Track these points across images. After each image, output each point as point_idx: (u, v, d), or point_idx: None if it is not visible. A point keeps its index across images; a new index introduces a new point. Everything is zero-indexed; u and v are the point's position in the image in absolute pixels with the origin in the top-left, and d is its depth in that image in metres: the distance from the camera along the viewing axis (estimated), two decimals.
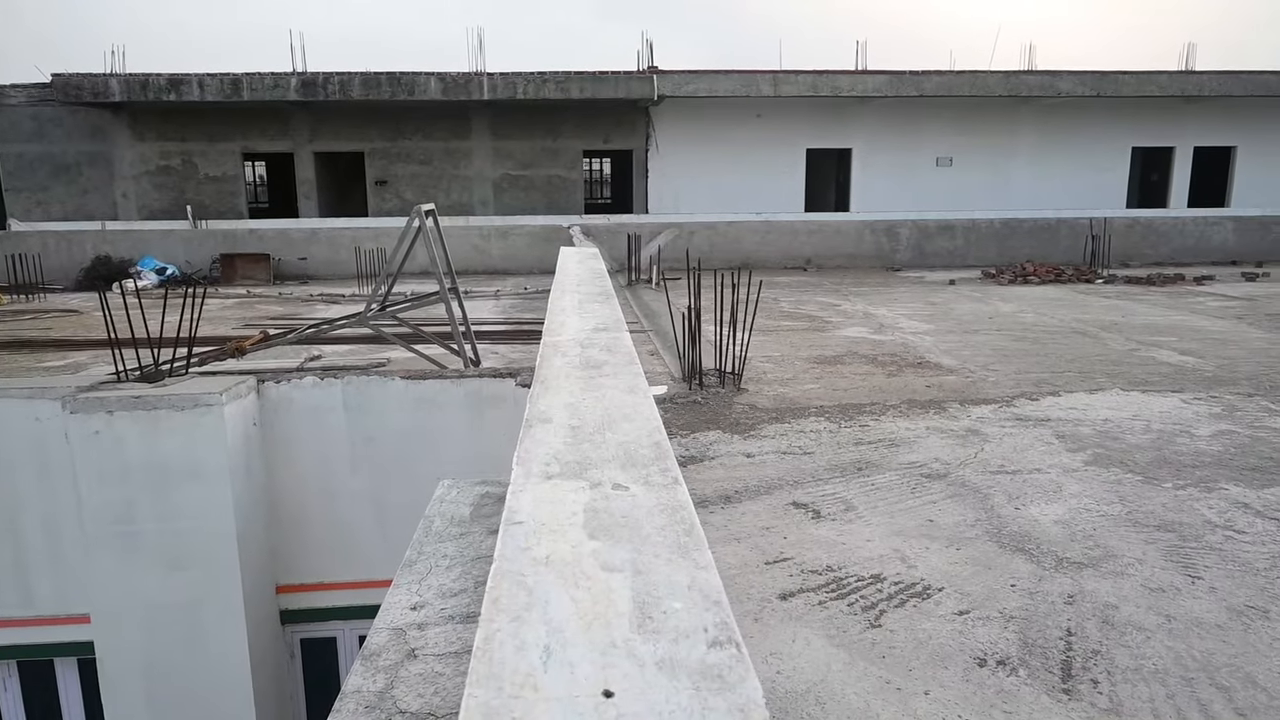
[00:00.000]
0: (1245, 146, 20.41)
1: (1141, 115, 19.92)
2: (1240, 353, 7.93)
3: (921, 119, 19.74)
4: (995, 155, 20.09)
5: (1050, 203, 19.27)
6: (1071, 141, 20.07)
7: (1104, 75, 18.55)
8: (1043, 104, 19.45)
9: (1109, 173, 20.31)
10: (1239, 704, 2.57)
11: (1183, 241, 17.16)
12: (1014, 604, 3.19)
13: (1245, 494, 4.29)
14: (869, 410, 5.93)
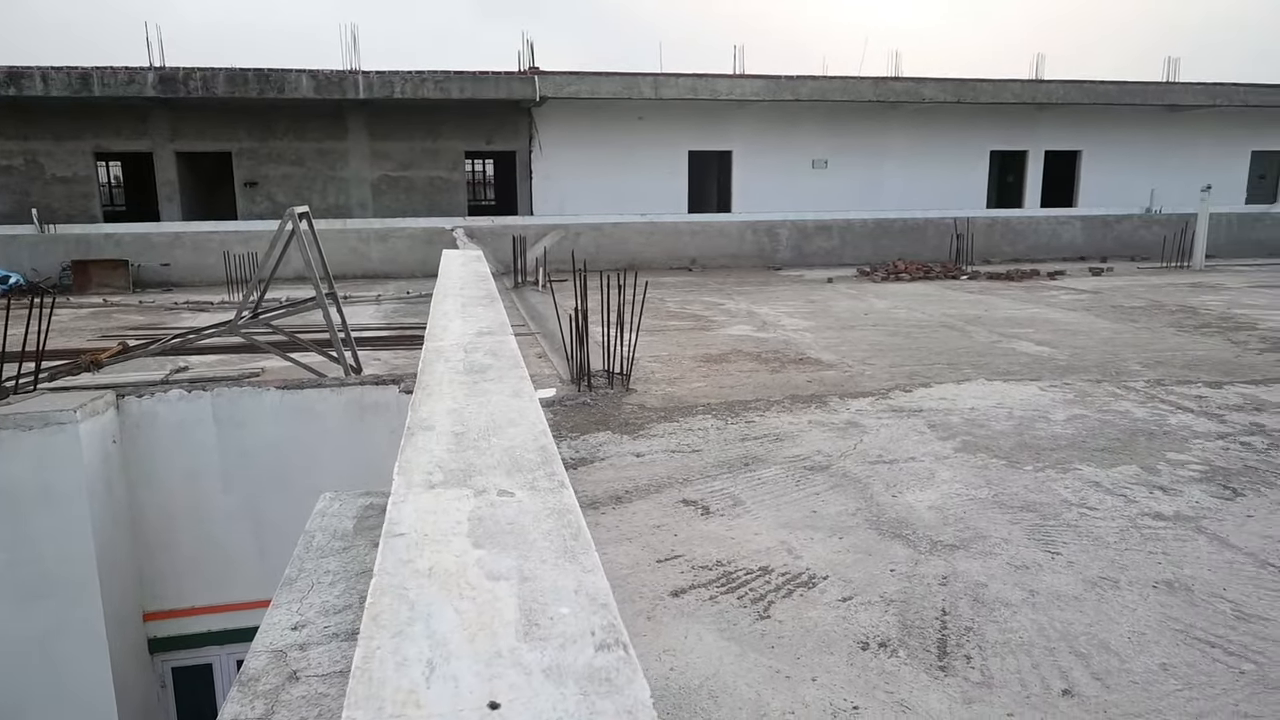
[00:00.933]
0: (1090, 150, 22.00)
1: (998, 121, 21.18)
2: (1089, 342, 8.54)
3: (798, 122, 20.37)
4: (868, 158, 20.94)
5: (919, 203, 20.24)
6: (937, 145, 21.14)
7: (963, 82, 19.63)
8: (910, 109, 20.41)
9: (971, 174, 21.50)
10: (1095, 669, 2.77)
11: (1037, 239, 18.36)
12: (893, 588, 3.33)
13: (1096, 473, 4.62)
14: (754, 406, 6.07)
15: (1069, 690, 2.65)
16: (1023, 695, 2.62)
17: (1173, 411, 5.86)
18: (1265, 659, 2.82)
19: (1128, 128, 21.83)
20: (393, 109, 18.39)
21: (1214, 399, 6.21)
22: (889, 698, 2.62)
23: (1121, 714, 2.53)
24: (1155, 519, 3.99)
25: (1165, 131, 22.08)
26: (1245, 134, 22.67)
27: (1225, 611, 3.13)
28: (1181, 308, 11.03)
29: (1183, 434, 5.32)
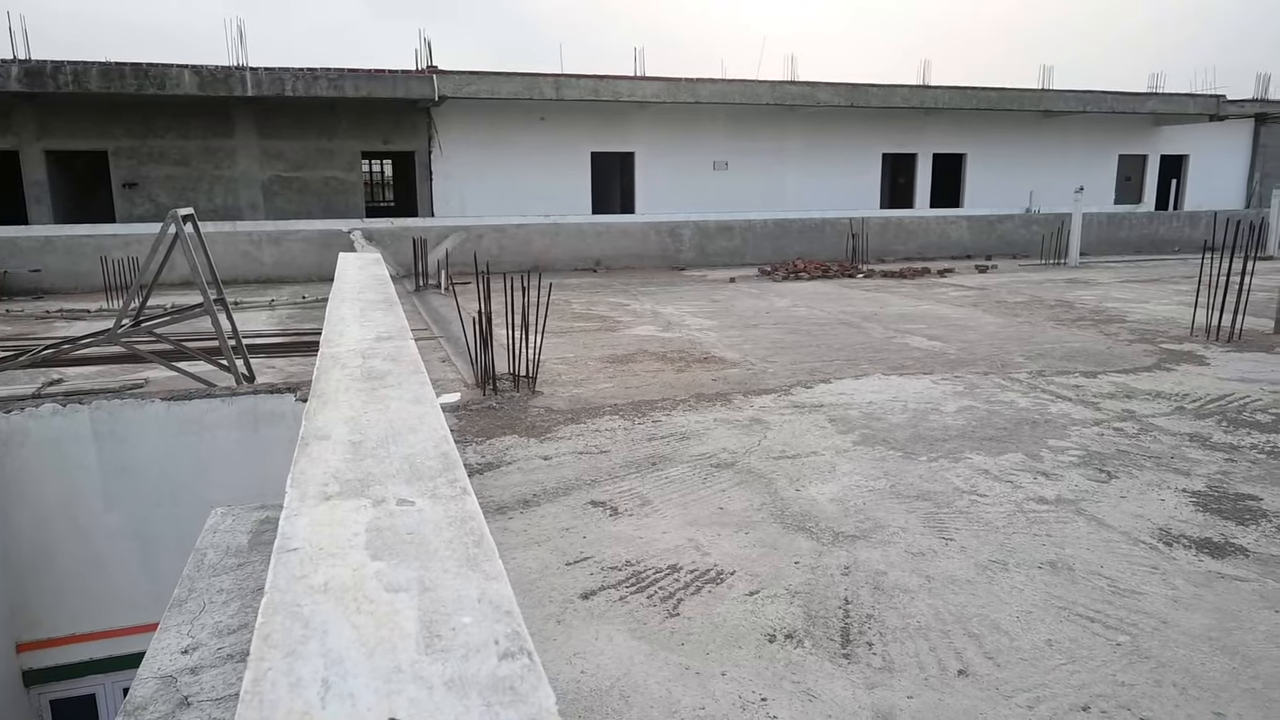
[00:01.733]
0: (974, 153, 23.08)
1: (889, 125, 21.98)
2: (976, 336, 8.96)
3: (699, 124, 20.65)
4: (767, 160, 21.40)
5: (817, 204, 20.81)
6: (833, 147, 21.78)
7: (856, 87, 20.29)
8: (806, 112, 20.96)
9: (865, 176, 22.25)
10: (987, 648, 2.90)
11: (927, 238, 19.14)
12: (798, 580, 3.41)
13: (985, 461, 4.84)
14: (661, 406, 6.12)
15: (964, 670, 2.77)
16: (921, 678, 2.73)
17: (1053, 401, 6.20)
18: (1138, 630, 3.01)
19: (1008, 132, 23.00)
20: (284, 107, 17.75)
21: (1089, 388, 6.59)
22: (796, 687, 2.68)
23: (1012, 690, 2.66)
24: (1039, 503, 4.21)
25: (1041, 136, 23.37)
26: (1113, 138, 24.21)
27: (1103, 588, 3.33)
28: (1059, 302, 11.68)
29: (1062, 422, 5.63)
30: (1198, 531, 3.86)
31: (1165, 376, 7.00)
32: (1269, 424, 5.57)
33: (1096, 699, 2.61)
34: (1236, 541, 3.75)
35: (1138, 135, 24.46)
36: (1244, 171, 25.94)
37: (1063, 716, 2.52)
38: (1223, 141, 25.32)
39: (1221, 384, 6.71)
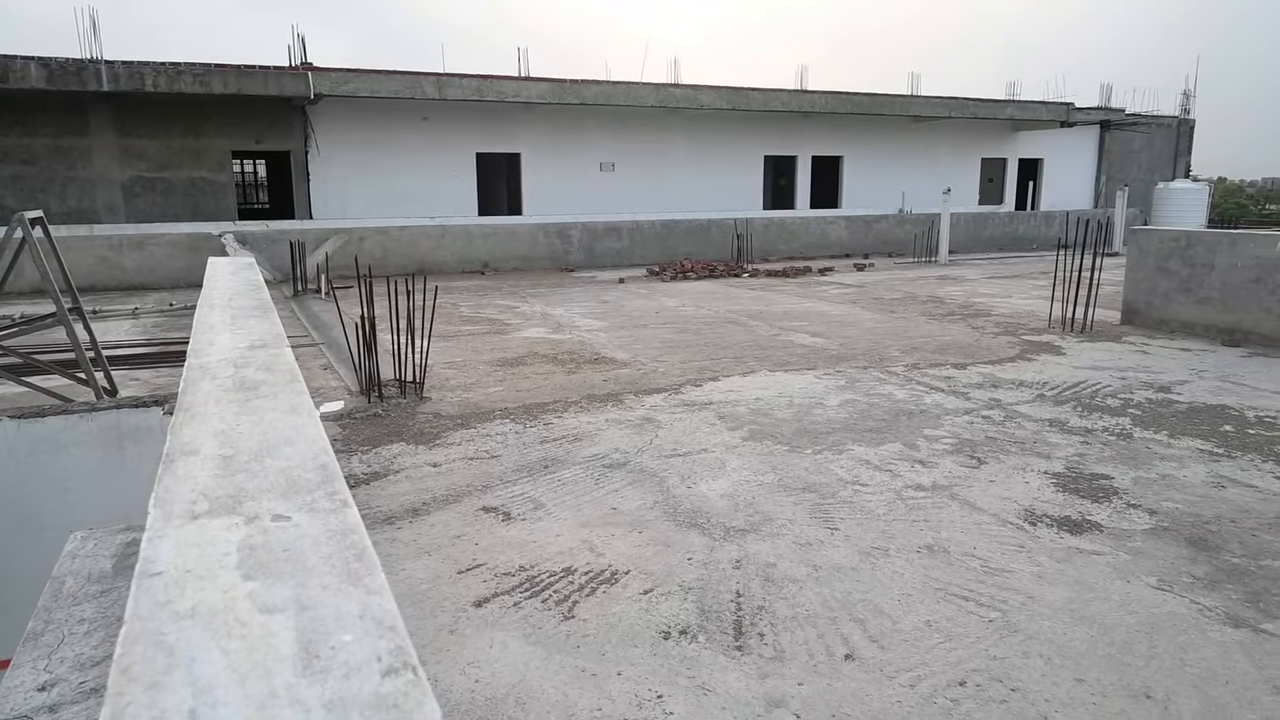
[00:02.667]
0: (850, 156, 23.97)
1: (770, 127, 22.57)
2: (856, 332, 9.31)
3: (585, 126, 20.65)
4: (653, 161, 21.61)
5: (702, 205, 21.15)
6: (717, 149, 22.19)
7: (737, 91, 20.73)
8: (690, 115, 21.27)
9: (748, 178, 22.77)
10: (872, 632, 3.01)
11: (809, 238, 19.75)
12: (691, 576, 3.46)
13: (866, 452, 5.04)
14: (552, 408, 6.09)
15: (851, 655, 2.87)
16: (810, 664, 2.81)
17: (927, 392, 6.50)
18: (1008, 606, 3.19)
19: (881, 136, 24.00)
20: (145, 104, 16.73)
21: (960, 379, 6.96)
22: (691, 682, 2.72)
23: (895, 670, 2.77)
24: (917, 490, 4.41)
25: (912, 139, 24.49)
26: (976, 143, 25.61)
27: (976, 568, 3.52)
28: (931, 298, 12.28)
29: (936, 412, 5.92)
30: (1058, 510, 4.13)
31: (1027, 366, 7.46)
32: (1117, 408, 6.02)
33: (972, 673, 2.75)
34: (1092, 518, 4.03)
35: (998, 140, 25.96)
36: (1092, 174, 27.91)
37: (941, 692, 2.65)
38: (1073, 146, 27.18)
39: (1076, 372, 7.20)
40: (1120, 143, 27.72)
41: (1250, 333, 8.48)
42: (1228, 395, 6.37)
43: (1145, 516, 4.04)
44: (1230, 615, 3.11)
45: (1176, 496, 4.30)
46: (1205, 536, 3.81)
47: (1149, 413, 5.89)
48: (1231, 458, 4.91)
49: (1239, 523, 3.96)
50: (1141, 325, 9.46)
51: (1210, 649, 2.89)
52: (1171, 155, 28.66)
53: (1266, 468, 4.73)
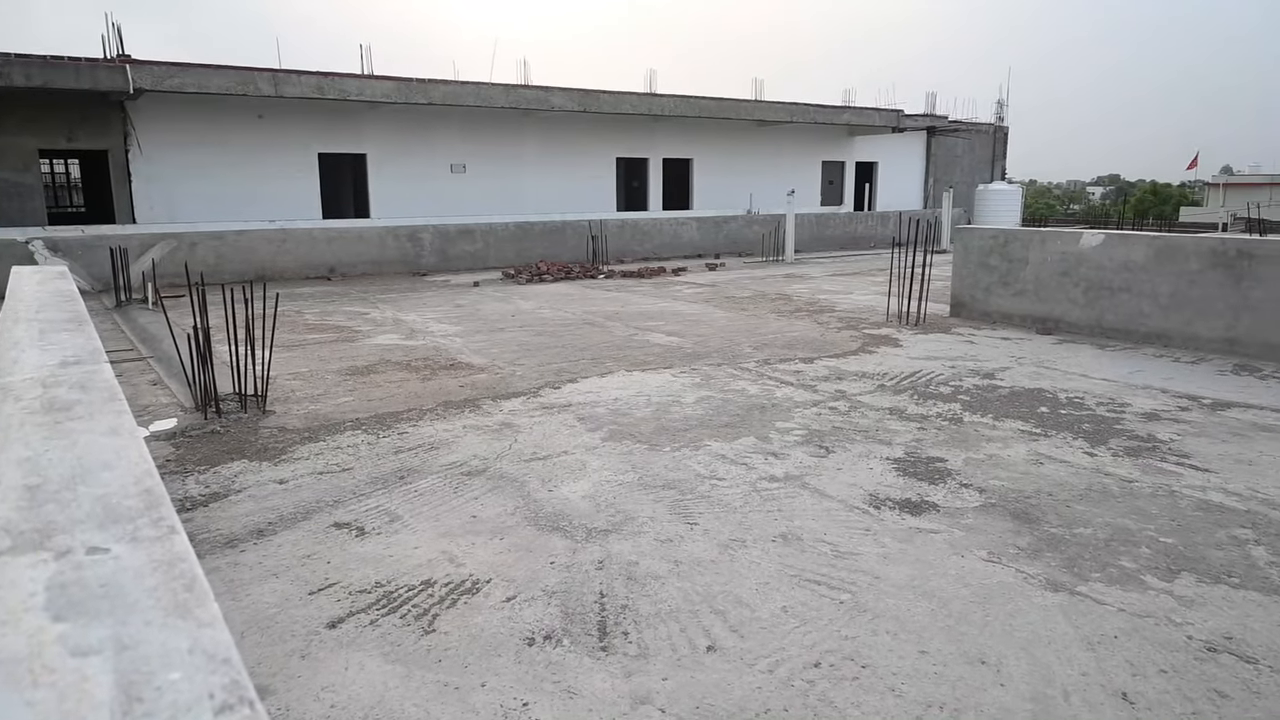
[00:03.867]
0: (699, 158, 24.57)
1: (622, 130, 22.81)
2: (710, 330, 9.55)
3: (433, 126, 20.18)
4: (505, 163, 21.38)
5: (557, 207, 21.12)
6: (569, 151, 22.21)
7: (588, 93, 20.83)
8: (541, 116, 21.19)
9: (602, 179, 22.92)
10: (732, 622, 3.10)
11: (662, 239, 20.10)
12: (554, 580, 3.44)
13: (723, 447, 5.17)
14: (407, 417, 5.91)
15: (713, 646, 2.93)
16: (674, 659, 2.86)
17: (778, 386, 6.75)
18: (857, 587, 3.36)
19: (729, 138, 24.74)
20: None
21: (808, 372, 7.26)
22: (556, 687, 2.70)
23: (755, 658, 2.86)
24: (770, 481, 4.56)
25: (758, 143, 25.38)
26: (817, 146, 26.84)
27: (827, 553, 3.68)
28: (779, 295, 12.76)
29: (787, 405, 6.15)
30: (900, 494, 4.38)
31: (869, 359, 7.88)
32: (949, 395, 6.45)
33: (826, 654, 2.87)
34: (930, 499, 4.30)
35: (837, 144, 27.32)
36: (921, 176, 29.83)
37: (798, 674, 2.76)
38: (903, 150, 28.96)
39: (912, 363, 7.67)
40: (945, 148, 29.76)
41: (1060, 321, 9.30)
42: (1043, 379, 6.96)
43: (976, 495, 4.35)
44: (1050, 581, 3.40)
45: (1002, 474, 4.66)
46: (1027, 510, 4.14)
47: (976, 398, 6.35)
48: (1047, 436, 5.36)
49: (1055, 495, 4.33)
50: (968, 317, 10.19)
51: (1034, 613, 3.15)
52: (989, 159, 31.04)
53: (1077, 444, 5.19)
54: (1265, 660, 2.83)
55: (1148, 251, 8.59)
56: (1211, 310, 8.09)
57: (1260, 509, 4.14)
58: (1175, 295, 8.35)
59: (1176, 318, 8.34)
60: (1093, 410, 5.99)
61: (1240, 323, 7.91)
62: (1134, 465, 4.80)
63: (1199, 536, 3.82)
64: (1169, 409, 6.02)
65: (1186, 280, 8.25)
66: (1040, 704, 2.60)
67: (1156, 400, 6.27)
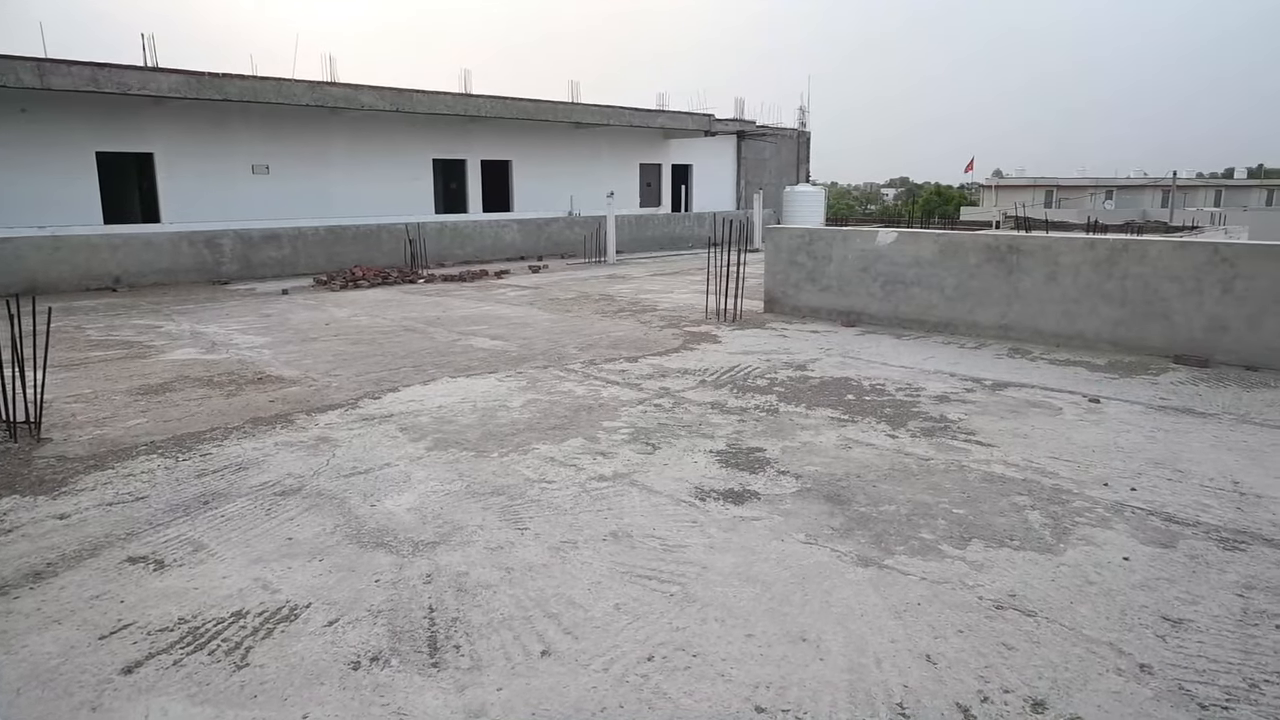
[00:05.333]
0: (519, 160, 24.38)
1: (438, 131, 22.25)
2: (534, 333, 9.50)
3: (231, 124, 18.85)
4: (312, 164, 20.30)
5: (371, 210, 20.30)
6: (382, 152, 21.39)
7: (401, 92, 20.16)
8: (351, 115, 20.28)
9: (418, 181, 22.24)
10: (566, 624, 3.09)
11: (483, 241, 19.78)
12: (380, 598, 3.30)
13: (551, 449, 5.16)
14: (210, 437, 5.49)
15: (547, 650, 2.92)
16: (509, 667, 2.82)
17: (604, 386, 6.82)
18: (686, 579, 3.45)
19: (547, 140, 24.71)
20: None
21: (633, 371, 7.38)
22: (385, 710, 2.59)
23: (590, 658, 2.87)
24: (600, 481, 4.60)
25: (576, 145, 25.52)
26: (634, 149, 27.32)
27: (656, 547, 3.75)
28: (603, 296, 12.90)
29: (613, 404, 6.23)
30: (723, 485, 4.54)
31: (690, 355, 8.11)
32: (765, 387, 6.76)
33: (658, 647, 2.93)
34: (751, 488, 4.49)
35: (653, 147, 27.94)
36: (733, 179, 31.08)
37: (632, 670, 2.79)
38: (716, 153, 30.06)
39: (731, 358, 7.97)
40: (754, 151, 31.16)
41: (862, 314, 9.97)
42: (849, 369, 7.44)
43: (793, 481, 4.58)
44: (861, 557, 3.63)
45: (815, 460, 4.93)
46: (839, 492, 4.41)
47: (790, 389, 6.69)
48: (854, 422, 5.73)
49: (863, 477, 4.64)
50: (781, 312, 10.72)
51: (848, 589, 3.35)
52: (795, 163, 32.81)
53: (880, 428, 5.58)
54: (1043, 613, 3.16)
55: (934, 248, 9.37)
56: (989, 300, 8.95)
57: (1034, 477, 4.62)
58: (959, 287, 9.16)
59: (960, 307, 9.16)
60: (893, 395, 6.47)
61: (1012, 310, 8.80)
62: (930, 444, 5.22)
63: (985, 505, 4.21)
64: (957, 391, 6.60)
65: (967, 273, 9.08)
66: (856, 673, 2.77)
67: (946, 384, 6.85)
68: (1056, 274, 8.47)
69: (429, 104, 20.64)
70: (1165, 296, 7.84)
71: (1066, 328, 8.44)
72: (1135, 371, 7.29)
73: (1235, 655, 2.86)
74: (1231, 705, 2.59)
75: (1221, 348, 7.55)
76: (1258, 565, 3.55)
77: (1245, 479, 4.59)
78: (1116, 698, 2.63)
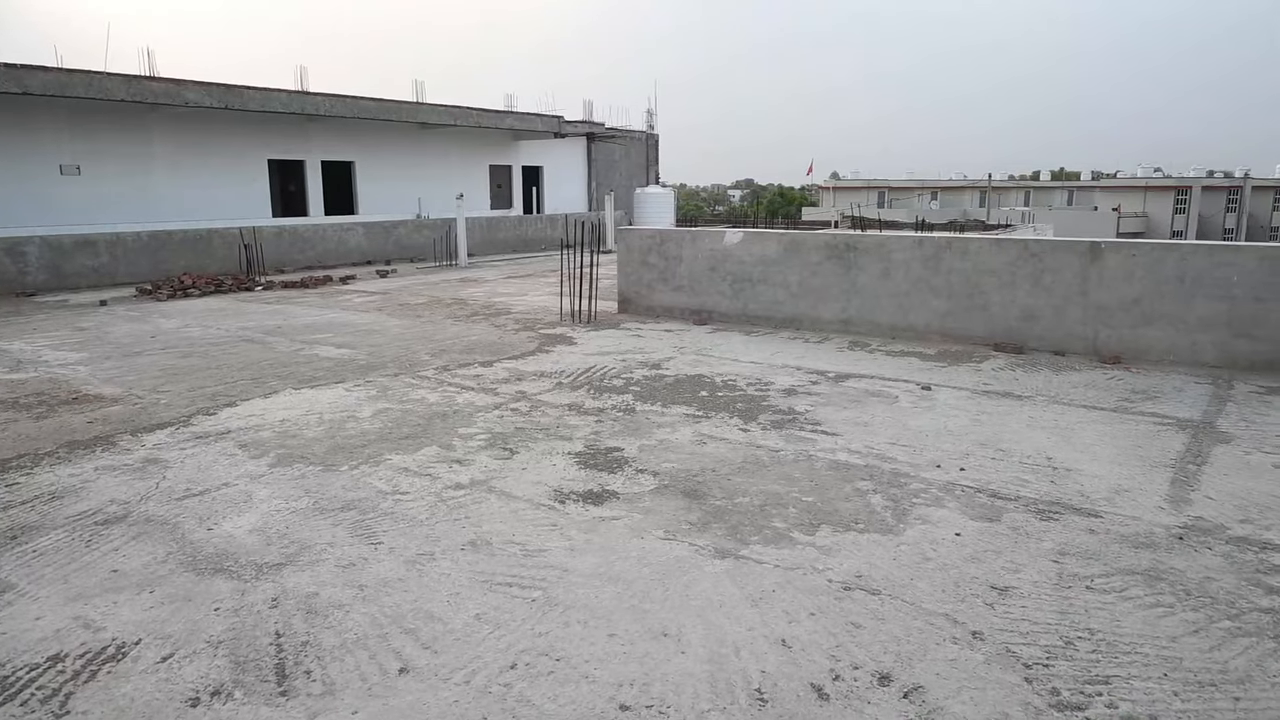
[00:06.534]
0: (362, 161, 23.51)
1: (273, 130, 21.12)
2: (384, 340, 9.19)
3: (36, 121, 17.17)
4: (131, 164, 18.80)
5: (200, 213, 19.03)
6: (211, 152, 20.09)
7: (230, 88, 19.00)
8: (174, 113, 18.93)
9: (253, 183, 21.03)
10: (424, 639, 3.00)
11: (326, 246, 18.94)
12: (220, 628, 3.09)
13: (405, 460, 5.00)
14: (17, 465, 4.98)
15: (405, 668, 2.82)
16: (365, 689, 2.71)
17: (459, 392, 6.68)
18: (548, 583, 3.43)
19: (393, 141, 23.95)
20: None
21: (488, 376, 7.27)
22: None
23: (450, 671, 2.80)
24: (456, 489, 4.50)
25: (423, 146, 24.87)
26: (483, 150, 26.94)
27: (516, 553, 3.71)
28: (455, 300, 12.63)
29: (469, 410, 6.11)
30: (582, 486, 4.54)
31: (546, 358, 8.07)
32: (622, 387, 6.82)
33: (521, 655, 2.89)
34: (610, 488, 4.51)
35: (503, 148, 27.63)
36: (584, 180, 31.19)
37: (495, 680, 2.74)
38: (567, 155, 30.07)
39: (587, 359, 7.99)
40: (604, 153, 31.39)
41: (712, 312, 10.24)
42: (702, 366, 7.62)
43: (651, 479, 4.65)
44: (718, 549, 3.73)
45: (672, 457, 5.02)
46: (696, 487, 4.51)
47: (646, 388, 6.78)
48: (709, 417, 5.87)
49: (718, 471, 4.76)
50: (635, 312, 10.85)
51: (706, 582, 3.43)
52: (645, 165, 33.30)
53: (733, 423, 5.75)
54: (886, 590, 3.34)
55: (778, 247, 9.75)
56: (830, 295, 9.40)
57: (875, 463, 4.88)
58: (802, 284, 9.57)
59: (804, 303, 9.57)
60: (744, 390, 6.68)
61: (851, 305, 9.28)
62: (779, 436, 5.42)
63: (832, 492, 4.41)
64: (803, 384, 6.89)
65: (810, 271, 9.50)
66: (716, 663, 2.84)
67: (793, 377, 7.14)
68: (890, 270, 9.00)
69: (262, 101, 19.57)
70: (985, 289, 8.49)
71: (900, 320, 8.99)
72: (961, 360, 7.85)
73: (1053, 616, 3.13)
74: (1051, 662, 2.83)
75: (1034, 335, 8.25)
76: (1070, 533, 3.90)
77: (1057, 455, 5.03)
78: (953, 665, 2.81)
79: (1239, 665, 2.80)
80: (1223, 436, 5.40)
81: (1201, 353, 7.50)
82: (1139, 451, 5.09)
